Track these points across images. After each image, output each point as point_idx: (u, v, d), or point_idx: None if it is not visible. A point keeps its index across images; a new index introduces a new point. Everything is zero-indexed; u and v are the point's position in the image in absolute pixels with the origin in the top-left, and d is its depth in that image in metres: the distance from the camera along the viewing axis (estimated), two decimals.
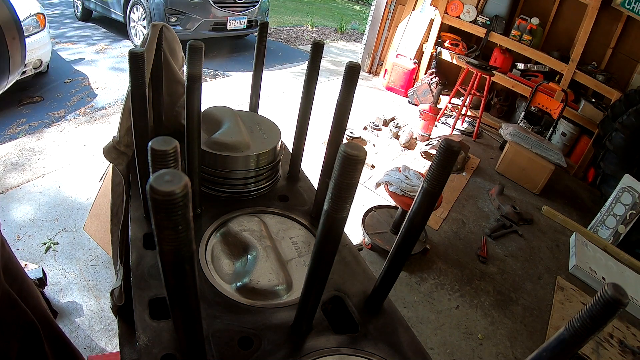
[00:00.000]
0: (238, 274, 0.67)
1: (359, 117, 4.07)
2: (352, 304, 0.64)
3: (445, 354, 1.93)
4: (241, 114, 0.95)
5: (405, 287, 2.24)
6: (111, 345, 1.63)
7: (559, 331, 0.36)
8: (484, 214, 3.10)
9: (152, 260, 0.65)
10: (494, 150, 4.29)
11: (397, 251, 0.57)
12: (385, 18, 5.38)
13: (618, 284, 0.32)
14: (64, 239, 2.07)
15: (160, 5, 4.62)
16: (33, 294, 0.98)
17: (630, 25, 4.13)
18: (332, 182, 0.39)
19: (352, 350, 0.56)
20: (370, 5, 5.52)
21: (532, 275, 2.59)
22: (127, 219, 0.83)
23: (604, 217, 3.17)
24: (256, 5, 5.47)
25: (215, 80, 4.58)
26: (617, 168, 3.38)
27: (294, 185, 0.93)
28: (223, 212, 0.78)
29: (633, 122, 3.35)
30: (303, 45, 7.01)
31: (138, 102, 0.64)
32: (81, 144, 2.90)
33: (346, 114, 0.72)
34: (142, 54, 0.60)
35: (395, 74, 5.16)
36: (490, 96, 5.12)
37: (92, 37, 5.31)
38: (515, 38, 4.54)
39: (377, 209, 2.67)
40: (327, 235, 0.45)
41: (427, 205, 0.51)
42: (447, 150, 0.45)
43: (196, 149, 0.70)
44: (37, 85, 3.69)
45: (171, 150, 0.36)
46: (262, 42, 0.91)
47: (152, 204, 0.29)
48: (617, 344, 2.13)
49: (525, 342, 2.08)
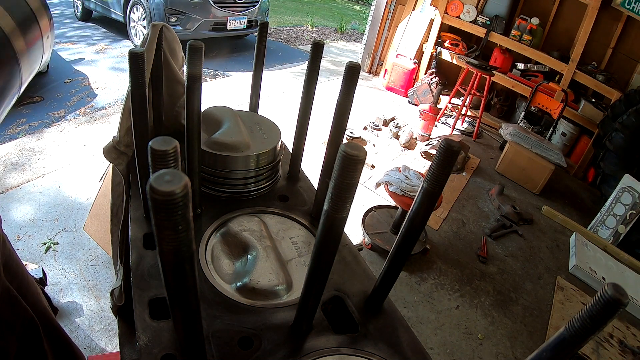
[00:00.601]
0: (238, 274, 0.67)
1: (359, 117, 4.07)
2: (352, 304, 0.64)
3: (445, 354, 1.93)
4: (241, 114, 0.95)
5: (405, 287, 2.24)
6: (111, 345, 1.63)
7: (559, 331, 0.36)
8: (484, 214, 3.10)
9: (152, 260, 0.65)
10: (494, 150, 4.29)
11: (397, 251, 0.57)
12: (385, 18, 5.38)
13: (618, 284, 0.32)
14: (64, 239, 2.07)
15: (160, 5, 4.62)
16: (33, 291, 0.98)
17: (630, 25, 4.13)
18: (332, 182, 0.39)
19: (352, 350, 0.56)
20: (370, 5, 5.52)
21: (532, 275, 2.59)
22: (127, 219, 0.83)
23: (604, 217, 3.17)
24: (256, 5, 5.47)
25: (215, 80, 4.58)
26: (617, 168, 3.38)
27: (294, 185, 0.93)
28: (223, 212, 0.78)
29: (633, 122, 3.35)
30: (303, 45, 7.01)
31: (138, 102, 0.64)
32: (81, 144, 2.90)
33: (346, 114, 0.72)
34: (142, 54, 0.60)
35: (395, 74, 5.16)
36: (490, 96, 5.12)
37: (92, 37, 5.31)
38: (515, 38, 4.54)
39: (377, 209, 2.67)
40: (327, 235, 0.45)
41: (427, 205, 0.51)
42: (447, 150, 0.45)
43: (196, 149, 0.70)
44: (37, 85, 3.69)
45: (171, 150, 0.36)
46: (262, 42, 0.91)
47: (152, 204, 0.29)
48: (617, 344, 2.13)
49: (525, 342, 2.08)
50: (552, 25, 4.68)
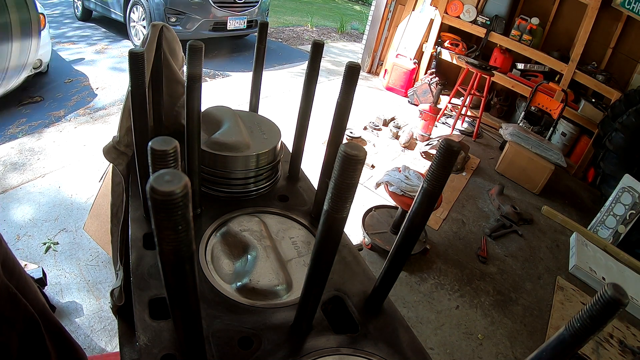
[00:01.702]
0: (238, 274, 0.67)
1: (359, 117, 4.07)
2: (352, 304, 0.64)
3: (445, 354, 1.93)
4: (241, 114, 0.95)
5: (405, 287, 2.24)
6: (111, 345, 1.63)
7: (559, 331, 0.36)
8: (484, 214, 3.10)
9: (152, 260, 0.65)
10: (494, 150, 4.29)
11: (397, 251, 0.57)
12: (385, 18, 5.38)
13: (618, 284, 0.32)
14: (64, 239, 2.07)
15: (160, 5, 4.62)
16: (31, 289, 0.98)
17: (630, 25, 4.13)
18: (332, 182, 0.39)
19: (352, 350, 0.56)
20: (370, 5, 5.52)
21: (532, 275, 2.59)
22: (127, 219, 0.83)
23: (604, 217, 3.17)
24: (256, 5, 5.47)
25: (215, 80, 4.58)
26: (617, 168, 3.38)
27: (294, 185, 0.93)
28: (223, 212, 0.78)
29: (633, 122, 3.35)
30: (303, 45, 7.00)
31: (138, 102, 0.64)
32: (81, 144, 2.90)
33: (346, 114, 0.72)
34: (142, 54, 0.60)
35: (395, 74, 5.16)
36: (490, 96, 5.12)
37: (92, 37, 5.31)
38: (515, 38, 4.54)
39: (377, 209, 2.67)
40: (327, 235, 0.45)
41: (427, 205, 0.51)
42: (447, 150, 0.45)
43: (196, 149, 0.70)
44: (37, 85, 3.69)
45: (171, 150, 0.36)
46: (262, 42, 0.91)
47: (152, 204, 0.29)
48: (617, 344, 2.13)
49: (525, 342, 2.08)
50: (552, 25, 4.68)
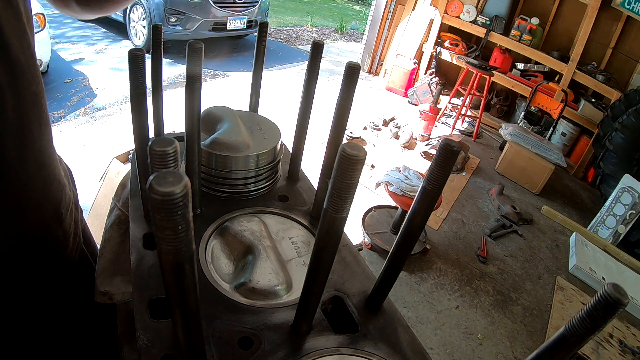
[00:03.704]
0: (238, 274, 0.67)
1: (359, 117, 4.07)
2: (352, 304, 0.64)
3: (445, 354, 1.93)
4: (241, 114, 0.95)
5: (405, 287, 2.24)
6: None
7: (559, 331, 0.36)
8: (483, 214, 3.10)
9: (152, 260, 0.65)
10: (494, 150, 4.29)
11: (397, 251, 0.57)
12: (385, 18, 5.38)
13: (618, 284, 0.32)
14: None
15: (160, 5, 4.61)
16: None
17: (630, 25, 4.13)
18: (332, 182, 0.39)
19: (352, 350, 0.56)
20: (370, 5, 5.52)
21: (532, 275, 2.59)
22: (127, 219, 0.83)
23: (604, 217, 3.17)
24: (256, 5, 5.47)
25: (215, 80, 4.58)
26: (617, 168, 3.39)
27: (293, 185, 0.93)
28: (223, 212, 0.78)
29: (633, 122, 3.35)
30: (303, 45, 7.01)
31: (138, 102, 0.64)
32: (81, 144, 2.90)
33: (346, 114, 0.71)
34: (142, 54, 0.60)
35: (395, 74, 5.16)
36: (490, 96, 5.13)
37: (92, 37, 5.31)
38: (515, 38, 4.55)
39: (377, 209, 2.67)
40: (327, 235, 0.45)
41: (427, 205, 0.51)
42: (447, 150, 0.45)
43: (196, 149, 0.70)
44: None
45: (171, 150, 0.36)
46: (262, 42, 0.91)
47: (152, 204, 0.29)
48: (617, 344, 2.13)
49: (525, 342, 2.08)
50: (552, 25, 4.68)
